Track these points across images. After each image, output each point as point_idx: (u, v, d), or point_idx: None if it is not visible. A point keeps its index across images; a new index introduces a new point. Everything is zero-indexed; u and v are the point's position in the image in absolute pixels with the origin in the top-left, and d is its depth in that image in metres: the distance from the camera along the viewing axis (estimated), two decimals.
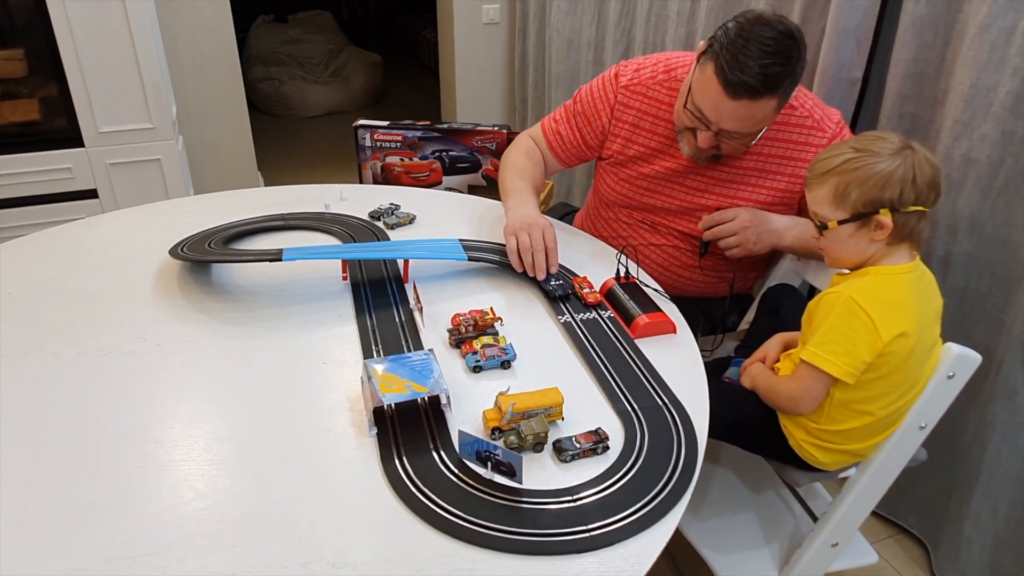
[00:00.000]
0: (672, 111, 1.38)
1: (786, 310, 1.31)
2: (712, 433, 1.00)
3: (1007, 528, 1.41)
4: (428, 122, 2.18)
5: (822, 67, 1.56)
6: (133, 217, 1.57)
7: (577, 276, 1.31)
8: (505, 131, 2.09)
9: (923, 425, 1.10)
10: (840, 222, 1.01)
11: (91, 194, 2.57)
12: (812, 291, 1.44)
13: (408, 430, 0.95)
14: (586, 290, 1.25)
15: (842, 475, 1.16)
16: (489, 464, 0.87)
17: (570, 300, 1.24)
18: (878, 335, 0.97)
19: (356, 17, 6.43)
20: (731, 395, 1.18)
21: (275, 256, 1.24)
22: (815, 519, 1.23)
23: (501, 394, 0.97)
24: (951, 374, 1.06)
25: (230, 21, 2.95)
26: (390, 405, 0.96)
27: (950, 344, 1.06)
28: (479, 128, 2.11)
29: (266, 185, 3.07)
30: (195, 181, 3.01)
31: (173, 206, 1.66)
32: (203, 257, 1.28)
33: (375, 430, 0.95)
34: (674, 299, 1.28)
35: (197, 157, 3.09)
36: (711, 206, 1.40)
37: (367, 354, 1.11)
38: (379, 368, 1.00)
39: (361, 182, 2.23)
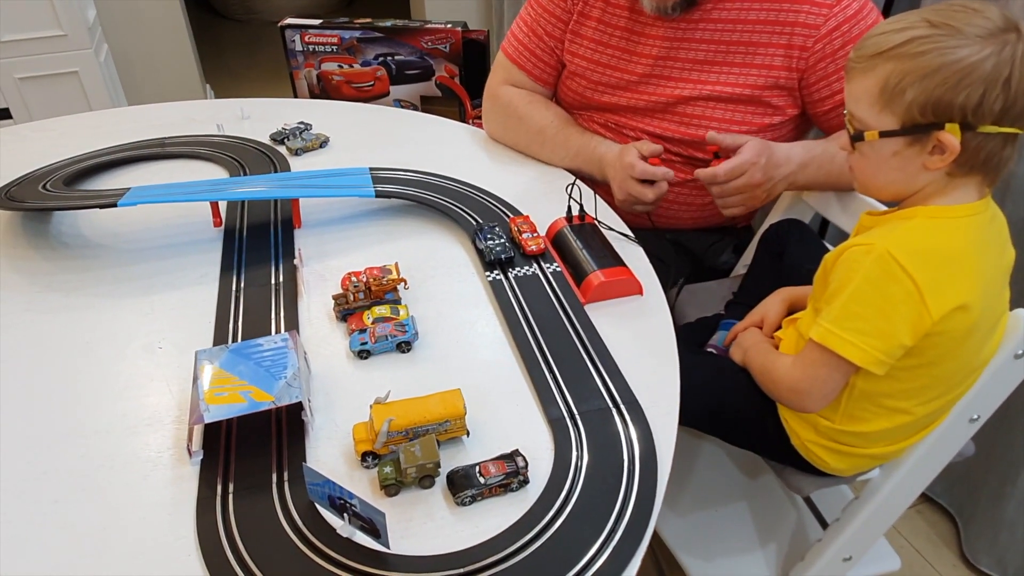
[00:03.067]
0: None
1: (792, 254, 1.00)
2: (685, 420, 0.72)
3: None
4: (368, 19, 1.81)
5: None
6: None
7: (516, 216, 0.99)
8: (460, 29, 1.72)
9: (975, 417, 0.81)
10: (883, 134, 0.68)
11: (4, 114, 2.26)
12: (824, 228, 1.12)
13: (247, 454, 0.67)
14: (525, 235, 0.94)
15: (861, 478, 0.88)
16: (347, 516, 0.59)
17: (513, 260, 0.93)
18: (926, 309, 0.66)
19: None
20: (714, 372, 0.88)
21: (109, 201, 0.93)
22: (824, 524, 0.96)
23: (377, 402, 0.68)
24: (1020, 352, 0.76)
25: None
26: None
27: (1019, 311, 0.75)
28: (428, 26, 1.74)
29: (217, 98, 2.70)
30: (129, 97, 2.66)
31: (40, 127, 1.34)
32: (20, 205, 0.97)
33: (199, 455, 0.67)
34: (649, 234, 0.98)
35: (128, 69, 2.72)
36: (688, 97, 1.06)
37: (221, 331, 0.82)
38: (212, 363, 0.71)
39: (296, 94, 1.89)
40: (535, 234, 0.94)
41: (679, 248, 1.13)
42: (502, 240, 0.92)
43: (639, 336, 0.81)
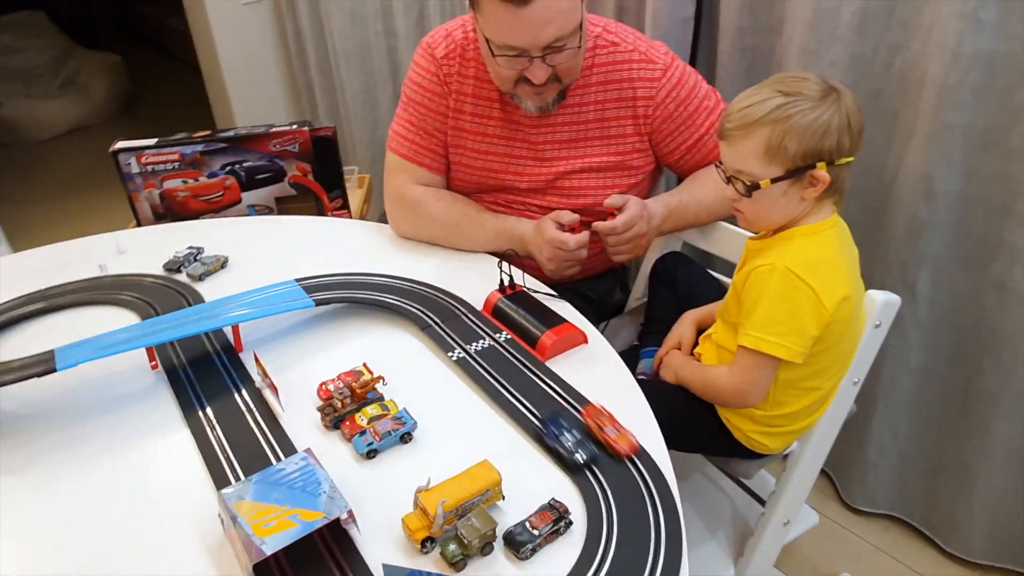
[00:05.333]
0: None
1: (683, 282, 1.19)
2: None
3: (908, 446, 1.43)
4: (208, 132, 1.81)
5: (652, 9, 1.44)
6: None
7: (587, 406, 0.86)
8: (307, 128, 1.77)
9: (856, 380, 1.02)
10: (774, 180, 0.87)
11: None
12: (699, 255, 1.34)
13: (304, 573, 0.69)
14: (608, 430, 0.81)
15: (785, 452, 1.07)
16: None
17: (462, 333, 1.00)
18: (822, 305, 0.86)
19: (79, 13, 5.50)
20: (657, 395, 1.02)
21: (46, 366, 0.89)
22: (762, 501, 1.14)
23: (421, 491, 0.73)
24: (878, 323, 0.99)
25: None
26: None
27: (872, 292, 0.98)
28: (274, 130, 1.78)
29: (7, 239, 2.45)
30: None
31: None
32: None
33: None
34: (557, 291, 1.11)
35: None
36: (564, 172, 1.23)
37: (214, 466, 0.82)
38: (243, 500, 0.72)
39: (138, 220, 1.81)
40: (620, 430, 0.81)
41: (583, 297, 1.28)
42: (578, 438, 0.80)
43: (601, 378, 0.94)
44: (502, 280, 1.07)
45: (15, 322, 1.11)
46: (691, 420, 1.01)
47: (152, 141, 1.77)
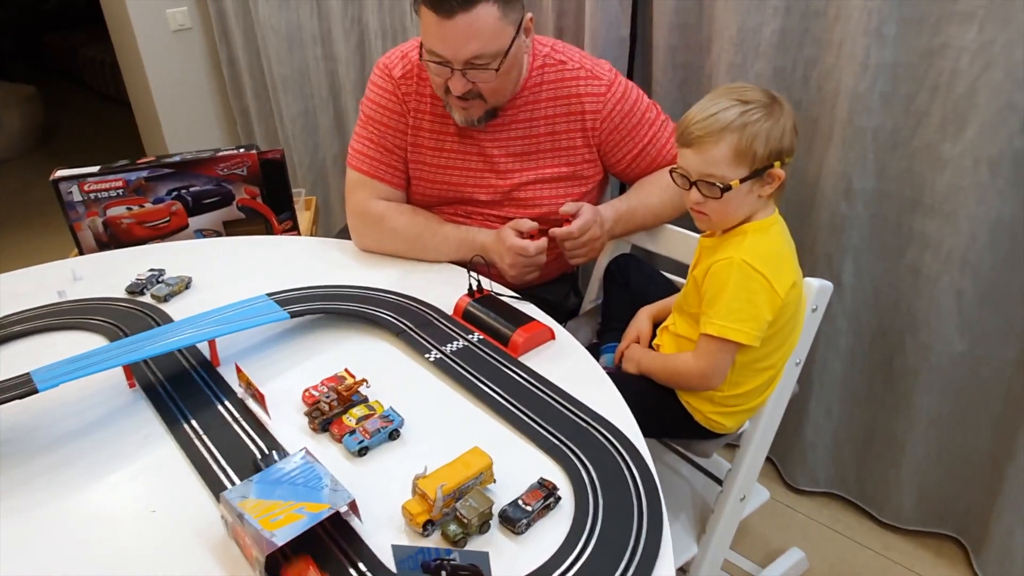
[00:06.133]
0: None
1: (636, 281, 1.27)
2: None
3: (841, 424, 1.56)
4: (152, 158, 1.80)
5: (591, 29, 1.54)
6: None
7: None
8: (255, 151, 1.79)
9: (798, 361, 1.12)
10: (742, 180, 0.95)
11: None
12: (646, 256, 1.43)
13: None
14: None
15: (739, 431, 1.16)
16: (444, 573, 0.69)
17: (436, 336, 1.06)
18: (775, 293, 0.96)
19: None
20: (619, 385, 1.10)
21: (26, 388, 0.89)
22: (719, 482, 1.22)
23: (419, 478, 0.78)
24: (815, 307, 1.09)
25: None
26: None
27: (808, 279, 1.08)
28: (220, 154, 1.78)
29: None
30: None
31: None
32: None
33: None
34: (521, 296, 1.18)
35: None
36: (519, 184, 1.30)
37: (208, 477, 0.84)
38: (247, 498, 0.75)
39: (80, 249, 1.78)
40: None
41: (540, 301, 1.34)
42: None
43: (571, 371, 1.00)
44: (471, 285, 1.13)
45: None
46: (654, 407, 1.08)
47: (95, 168, 1.75)
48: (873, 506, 1.59)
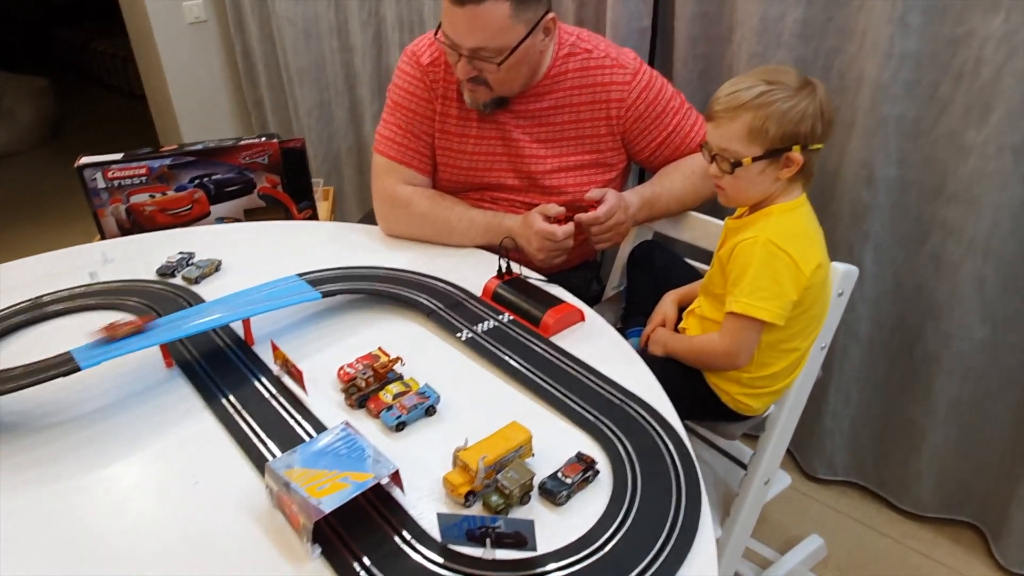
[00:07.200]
0: None
1: (661, 266, 1.29)
2: None
3: (860, 412, 1.57)
4: (175, 146, 1.82)
5: (612, 20, 1.55)
6: None
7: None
8: (276, 140, 1.80)
9: (824, 346, 1.14)
10: (755, 159, 0.97)
11: None
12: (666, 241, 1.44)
13: (359, 533, 0.74)
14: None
15: (764, 415, 1.17)
16: (488, 541, 0.71)
17: (467, 316, 1.07)
18: (800, 271, 0.97)
19: None
20: (650, 368, 1.11)
21: (70, 366, 0.90)
22: (743, 466, 1.23)
23: (460, 450, 0.79)
24: (840, 292, 1.10)
25: None
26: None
27: (835, 264, 1.09)
28: (243, 142, 1.80)
29: None
30: None
31: None
32: None
33: (318, 549, 0.72)
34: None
35: None
36: (545, 171, 1.32)
37: (249, 449, 0.86)
38: (293, 468, 0.76)
39: (103, 235, 1.80)
40: None
41: (565, 286, 1.36)
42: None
43: (601, 350, 1.02)
44: (500, 267, 1.14)
45: (11, 331, 1.11)
46: (682, 388, 1.09)
47: (118, 156, 1.77)
48: (891, 494, 1.60)
